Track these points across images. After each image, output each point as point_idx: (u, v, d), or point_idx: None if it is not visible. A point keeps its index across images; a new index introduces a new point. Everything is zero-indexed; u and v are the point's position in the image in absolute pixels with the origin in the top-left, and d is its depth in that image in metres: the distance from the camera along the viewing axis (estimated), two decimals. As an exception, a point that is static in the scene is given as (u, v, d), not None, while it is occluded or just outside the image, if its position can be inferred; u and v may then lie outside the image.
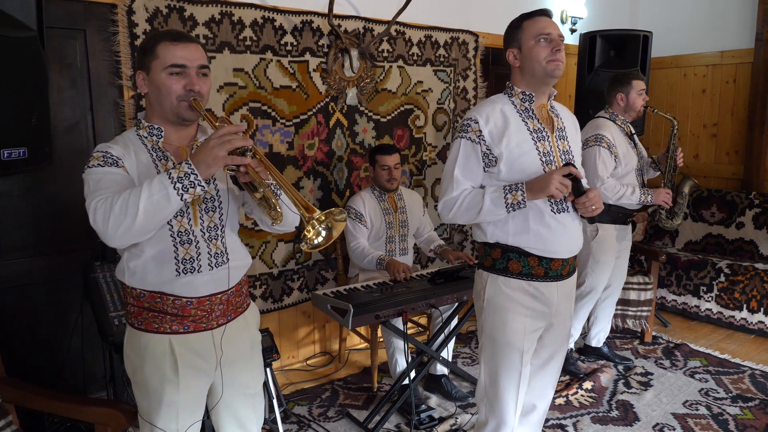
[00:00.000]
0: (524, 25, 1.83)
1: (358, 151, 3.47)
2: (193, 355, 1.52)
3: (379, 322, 2.53)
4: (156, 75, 1.46)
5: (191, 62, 1.46)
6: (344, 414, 2.84)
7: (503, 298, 1.84)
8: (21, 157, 1.84)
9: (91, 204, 1.35)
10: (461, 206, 1.81)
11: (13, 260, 2.50)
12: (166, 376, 1.49)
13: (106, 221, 1.31)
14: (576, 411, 2.86)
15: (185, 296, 1.49)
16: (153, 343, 1.50)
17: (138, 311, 1.51)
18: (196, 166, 1.31)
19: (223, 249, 1.54)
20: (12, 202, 2.49)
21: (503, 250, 1.84)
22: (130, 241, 1.37)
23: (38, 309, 2.57)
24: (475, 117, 1.82)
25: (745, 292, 3.83)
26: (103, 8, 2.56)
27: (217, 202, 1.53)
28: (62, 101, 2.53)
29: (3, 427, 1.82)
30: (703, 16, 4.68)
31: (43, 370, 2.52)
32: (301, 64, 3.15)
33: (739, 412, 2.83)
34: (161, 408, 1.51)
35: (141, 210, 1.29)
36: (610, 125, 3.01)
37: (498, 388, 1.89)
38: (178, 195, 1.30)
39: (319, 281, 3.45)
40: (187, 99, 1.46)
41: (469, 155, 1.82)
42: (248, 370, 1.66)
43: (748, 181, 4.46)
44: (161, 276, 1.47)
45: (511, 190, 1.75)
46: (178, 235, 1.47)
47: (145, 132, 1.52)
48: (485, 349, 1.92)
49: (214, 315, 1.54)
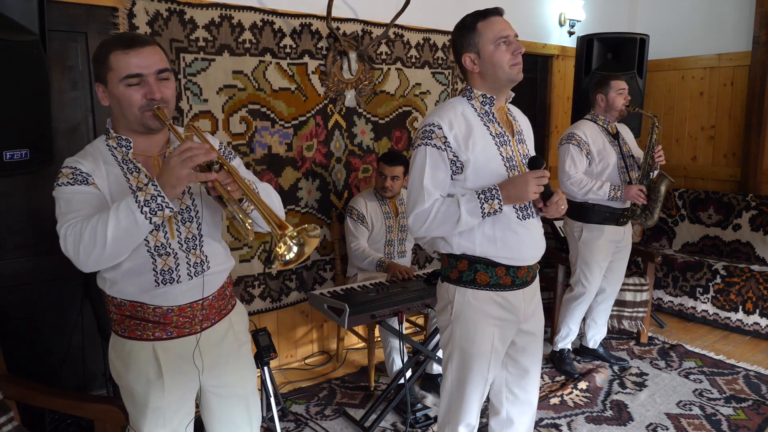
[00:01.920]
0: (479, 28, 1.73)
1: (356, 153, 3.50)
2: (178, 360, 1.51)
3: (375, 321, 2.56)
4: (114, 87, 1.39)
5: (147, 69, 1.38)
6: (341, 412, 2.87)
7: (472, 311, 1.78)
8: (23, 158, 1.87)
9: (61, 230, 1.33)
10: (435, 218, 1.70)
11: (13, 259, 2.53)
12: (150, 382, 1.49)
13: (77, 249, 1.30)
14: (570, 411, 2.89)
15: (165, 305, 1.47)
16: (137, 350, 1.49)
17: (120, 319, 1.50)
18: (162, 188, 1.28)
19: (203, 258, 1.51)
20: (13, 202, 2.52)
21: (470, 262, 1.78)
22: (104, 266, 1.37)
23: (38, 308, 2.60)
24: (437, 122, 1.72)
25: (741, 293, 3.86)
26: (104, 11, 2.60)
27: (193, 212, 1.50)
28: (63, 103, 2.57)
29: (4, 423, 1.85)
30: (700, 19, 4.71)
31: (43, 367, 2.55)
32: (300, 67, 3.19)
33: (732, 413, 2.86)
34: (147, 413, 1.50)
35: (109, 237, 1.27)
36: (588, 125, 3.12)
37: (464, 394, 1.86)
38: (146, 219, 1.28)
39: (317, 281, 3.48)
40: (150, 108, 1.39)
41: (436, 163, 1.71)
42: (236, 371, 1.63)
43: (745, 183, 4.49)
44: (140, 286, 1.45)
45: (487, 199, 1.67)
46: (155, 249, 1.44)
47: (114, 143, 1.47)
48: (453, 357, 1.85)
49: (197, 320, 1.53)
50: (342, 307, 2.45)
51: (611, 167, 3.07)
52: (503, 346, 1.85)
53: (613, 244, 3.19)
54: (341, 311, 2.46)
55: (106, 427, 1.75)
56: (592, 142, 3.05)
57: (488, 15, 1.74)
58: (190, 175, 1.28)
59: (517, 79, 1.75)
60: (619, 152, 3.10)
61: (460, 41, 1.78)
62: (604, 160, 3.06)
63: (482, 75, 1.76)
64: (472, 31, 1.74)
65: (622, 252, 3.28)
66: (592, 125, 3.12)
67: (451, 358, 1.86)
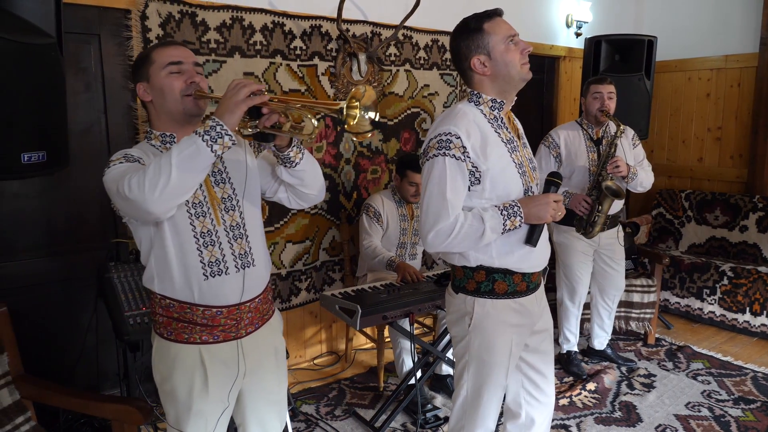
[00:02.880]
0: (487, 29, 1.68)
1: (365, 154, 3.51)
2: (222, 364, 1.54)
3: (386, 322, 2.57)
4: (156, 78, 1.49)
5: (186, 59, 1.51)
6: (351, 413, 2.89)
7: (491, 321, 1.76)
8: (40, 160, 1.88)
9: (123, 183, 1.32)
10: (459, 234, 1.63)
11: (28, 260, 2.55)
12: (195, 386, 1.51)
13: (142, 186, 1.29)
14: (579, 412, 2.90)
15: (214, 306, 1.50)
16: (183, 354, 1.51)
17: (167, 321, 1.52)
18: (220, 117, 1.32)
19: (248, 249, 1.55)
20: (27, 203, 2.54)
21: (488, 272, 1.74)
22: (169, 201, 1.32)
23: (52, 308, 2.62)
24: (454, 131, 1.65)
25: (748, 295, 3.86)
26: (117, 14, 2.62)
27: (234, 201, 1.55)
28: (77, 104, 2.59)
29: (22, 423, 1.87)
30: (707, 20, 4.71)
31: (56, 367, 2.57)
32: (309, 68, 3.20)
33: (741, 414, 2.87)
34: (190, 416, 1.52)
35: (174, 165, 1.27)
36: (569, 127, 3.15)
37: (481, 402, 1.84)
38: (207, 146, 1.29)
39: (326, 282, 3.50)
40: (189, 92, 1.49)
41: (455, 175, 1.64)
42: (273, 377, 1.68)
43: (751, 184, 4.49)
44: (189, 279, 1.48)
45: (509, 216, 1.65)
46: (201, 236, 1.48)
47: (158, 141, 1.54)
48: (470, 367, 1.81)
49: (243, 324, 1.56)
50: (354, 308, 2.46)
51: (577, 172, 3.06)
52: (518, 351, 1.85)
53: (588, 245, 3.16)
54: (353, 312, 2.47)
55: (123, 427, 1.76)
56: (566, 144, 3.07)
57: (492, 15, 1.71)
58: (246, 99, 1.32)
59: (528, 78, 1.72)
60: (595, 158, 3.06)
61: (466, 44, 1.71)
62: (572, 164, 3.06)
63: (493, 77, 1.71)
64: (479, 32, 1.69)
65: (611, 256, 3.23)
66: (574, 128, 3.14)
67: (468, 367, 1.82)
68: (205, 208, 1.50)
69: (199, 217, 1.48)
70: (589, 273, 3.25)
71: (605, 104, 3.01)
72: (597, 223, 2.95)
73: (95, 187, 2.70)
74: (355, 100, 1.34)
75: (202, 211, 1.49)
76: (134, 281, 2.26)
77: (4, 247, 2.48)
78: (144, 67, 1.52)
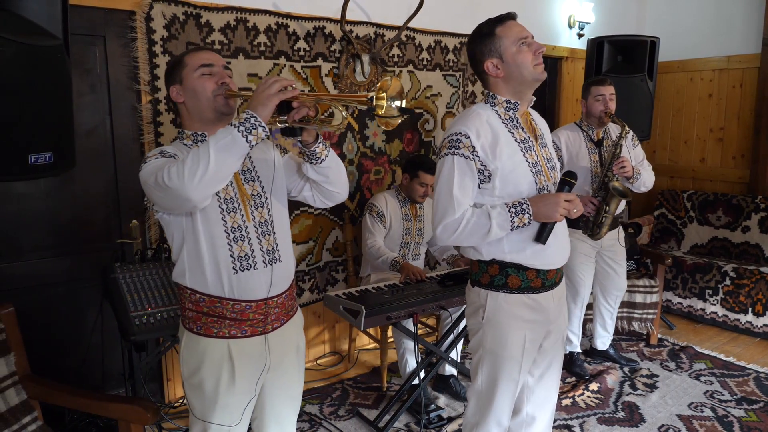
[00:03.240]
0: (498, 33, 1.75)
1: (368, 155, 3.52)
2: (249, 358, 1.59)
3: (390, 323, 2.58)
4: (189, 80, 1.58)
5: (217, 62, 1.60)
6: (355, 413, 2.89)
7: (504, 315, 1.80)
8: (47, 161, 1.90)
9: (162, 173, 1.39)
10: (465, 229, 1.71)
11: (33, 260, 2.56)
12: (222, 380, 1.56)
13: (181, 174, 1.35)
14: (582, 412, 2.90)
15: (244, 300, 1.56)
16: (211, 348, 1.56)
17: (197, 316, 1.57)
18: (253, 110, 1.38)
19: (275, 245, 1.61)
20: (33, 203, 2.55)
21: (501, 266, 1.79)
22: (207, 188, 1.38)
23: (58, 308, 2.63)
24: (464, 131, 1.72)
25: (751, 295, 3.87)
26: (122, 15, 2.63)
27: (263, 198, 1.62)
28: (82, 105, 2.59)
29: (29, 423, 1.88)
30: (709, 21, 4.72)
31: (62, 367, 2.58)
32: (313, 69, 3.21)
33: (743, 415, 2.88)
34: (216, 410, 1.58)
35: (212, 154, 1.34)
36: (570, 129, 3.15)
37: (495, 397, 1.87)
38: (242, 137, 1.35)
39: (329, 282, 3.51)
40: (220, 92, 1.57)
41: (464, 173, 1.72)
42: (294, 372, 1.74)
43: (754, 185, 4.49)
44: (219, 274, 1.54)
45: (517, 213, 1.69)
46: (232, 231, 1.55)
47: (190, 141, 1.62)
48: (484, 361, 1.86)
49: (270, 319, 1.62)
50: (358, 308, 2.47)
51: (579, 173, 3.01)
52: (534, 348, 1.87)
53: (591, 246, 3.16)
54: (357, 313, 2.48)
55: (129, 426, 1.77)
56: (567, 146, 3.07)
57: (504, 20, 1.77)
58: (278, 93, 1.39)
59: (542, 78, 1.75)
60: (596, 160, 3.06)
61: (480, 49, 1.78)
62: (574, 166, 3.04)
63: (506, 79, 1.76)
64: (491, 36, 1.75)
65: (612, 257, 3.25)
66: (574, 129, 3.14)
67: (482, 360, 1.86)
68: (236, 204, 1.57)
69: (230, 212, 1.55)
70: (591, 274, 3.25)
71: (608, 106, 3.03)
72: (604, 224, 2.97)
73: (100, 188, 2.72)
74: (382, 91, 1.43)
75: (232, 206, 1.56)
76: (140, 282, 2.27)
77: (10, 248, 2.50)
78: (177, 71, 1.60)
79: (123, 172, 2.73)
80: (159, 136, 2.75)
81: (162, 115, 2.75)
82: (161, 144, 2.76)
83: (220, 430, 1.60)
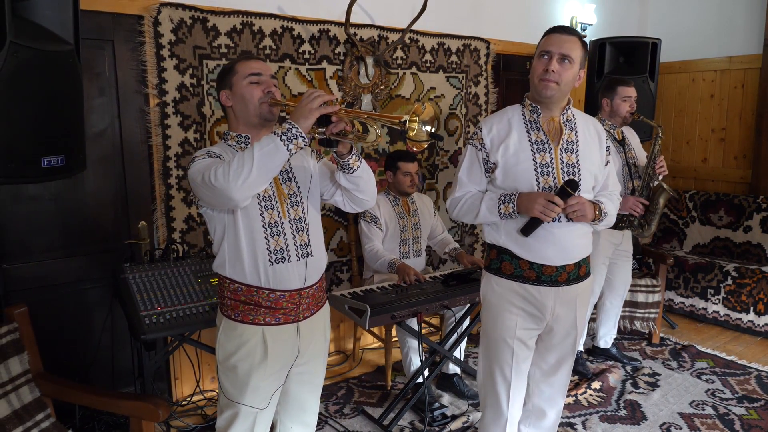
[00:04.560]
0: (541, 42, 1.91)
1: (372, 156, 3.56)
2: (281, 344, 1.71)
3: (394, 322, 2.62)
4: (238, 87, 1.69)
5: (265, 71, 1.72)
6: (360, 411, 2.93)
7: (495, 296, 1.97)
8: (59, 164, 1.94)
9: (209, 173, 1.51)
10: (462, 207, 1.97)
11: (44, 261, 2.61)
12: (255, 364, 1.68)
13: (227, 175, 1.47)
14: (585, 410, 2.94)
15: (278, 289, 1.67)
16: (248, 333, 1.69)
17: (235, 304, 1.69)
18: (295, 121, 1.48)
19: (307, 241, 1.73)
20: (43, 206, 2.60)
21: (498, 252, 1.96)
22: (249, 190, 1.50)
23: (68, 308, 2.68)
24: (481, 126, 1.96)
25: (752, 294, 3.90)
26: (131, 20, 2.67)
27: (298, 197, 1.75)
28: (91, 109, 2.64)
29: (42, 420, 1.93)
30: (711, 21, 4.74)
31: (72, 367, 2.62)
32: (318, 72, 3.25)
33: (744, 413, 2.90)
34: (247, 391, 1.69)
35: (255, 160, 1.46)
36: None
37: (492, 382, 2.01)
38: (284, 145, 1.46)
39: (334, 282, 3.55)
40: (266, 100, 1.68)
41: (473, 161, 1.97)
42: (320, 361, 1.86)
43: (755, 185, 4.51)
44: (257, 265, 1.66)
45: (504, 201, 1.87)
46: (269, 227, 1.67)
47: (234, 141, 1.73)
48: (482, 343, 2.07)
49: (302, 308, 1.73)
50: (363, 308, 2.51)
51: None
52: (529, 337, 1.95)
53: (612, 246, 3.22)
54: (362, 312, 2.52)
55: (140, 423, 1.81)
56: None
57: (554, 30, 1.90)
58: (320, 108, 1.49)
59: (543, 95, 1.86)
60: (624, 159, 3.11)
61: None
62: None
63: (530, 82, 1.93)
64: (541, 40, 1.92)
65: (623, 256, 3.31)
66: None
67: (481, 344, 2.09)
68: (274, 201, 1.69)
69: (268, 209, 1.68)
70: (603, 274, 3.28)
71: (634, 106, 3.11)
72: (653, 221, 3.06)
73: (109, 190, 2.76)
74: (415, 115, 1.52)
75: (270, 204, 1.68)
76: (149, 282, 2.31)
77: (21, 249, 2.54)
78: (228, 77, 1.72)
79: (131, 174, 2.77)
80: (166, 139, 2.80)
81: (169, 118, 2.79)
82: (168, 146, 2.80)
83: (250, 411, 1.70)
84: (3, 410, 1.83)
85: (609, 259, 3.26)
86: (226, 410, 1.74)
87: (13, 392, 1.88)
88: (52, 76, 1.90)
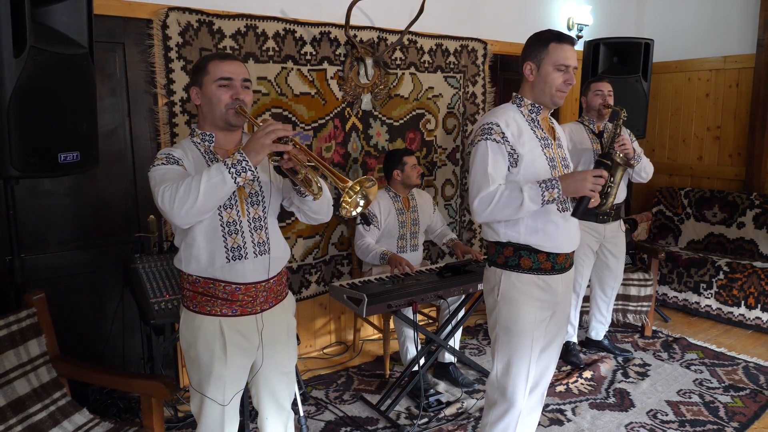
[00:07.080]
0: (550, 48, 1.93)
1: (372, 153, 3.68)
2: (239, 336, 1.75)
3: (390, 311, 2.74)
4: (207, 88, 1.71)
5: (236, 76, 1.71)
6: (358, 397, 3.06)
7: (516, 292, 1.98)
8: (74, 160, 2.08)
9: (158, 190, 1.56)
10: (499, 201, 1.85)
11: (58, 252, 2.75)
12: (215, 354, 1.72)
13: (172, 202, 1.52)
14: (575, 398, 3.05)
15: (234, 282, 1.71)
16: (205, 324, 1.73)
17: (193, 295, 1.74)
18: (247, 154, 1.53)
19: (266, 239, 1.77)
20: (57, 200, 2.74)
21: (515, 249, 1.98)
22: (191, 218, 1.57)
23: (81, 297, 2.82)
24: (495, 121, 1.93)
25: (743, 289, 3.99)
26: (140, 23, 2.81)
27: (260, 196, 1.77)
28: (103, 108, 2.77)
29: (59, 398, 2.06)
30: (706, 22, 4.83)
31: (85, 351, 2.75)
32: (319, 72, 3.38)
33: (729, 401, 3.01)
34: (210, 380, 1.73)
35: (201, 191, 1.51)
36: (573, 124, 3.34)
37: (511, 375, 2.03)
38: (232, 178, 1.51)
39: (335, 275, 3.67)
40: (233, 107, 1.69)
41: (497, 154, 1.91)
42: (284, 351, 1.89)
43: (749, 182, 4.61)
44: (213, 262, 1.70)
45: (548, 188, 1.84)
46: (227, 225, 1.70)
47: (198, 139, 1.77)
48: (500, 339, 2.04)
49: (258, 301, 1.77)
50: (360, 297, 2.63)
51: (584, 160, 3.23)
52: (543, 326, 2.04)
53: (594, 239, 3.31)
54: (360, 301, 2.64)
55: (151, 401, 1.95)
56: (571, 137, 3.24)
57: (564, 41, 1.95)
58: (272, 144, 1.53)
59: (556, 105, 2.00)
60: (598, 148, 3.25)
61: (529, 49, 1.99)
62: (578, 154, 3.22)
63: (533, 85, 1.99)
64: (544, 46, 1.95)
65: (612, 249, 3.39)
66: (577, 124, 3.34)
67: (498, 340, 2.05)
68: (233, 201, 1.71)
69: (227, 208, 1.70)
70: (590, 266, 3.39)
71: (606, 99, 3.24)
72: (610, 194, 3.12)
73: (120, 185, 2.90)
74: (359, 185, 1.52)
75: (230, 203, 1.70)
76: (158, 271, 2.44)
77: (37, 241, 2.68)
78: (199, 75, 1.73)
79: (141, 170, 2.91)
80: (174, 137, 2.93)
81: (177, 117, 2.93)
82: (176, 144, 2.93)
83: (213, 405, 1.75)
84: (23, 388, 1.97)
85: (593, 251, 3.35)
86: (194, 400, 1.80)
87: (32, 372, 2.02)
88: (67, 78, 2.03)
